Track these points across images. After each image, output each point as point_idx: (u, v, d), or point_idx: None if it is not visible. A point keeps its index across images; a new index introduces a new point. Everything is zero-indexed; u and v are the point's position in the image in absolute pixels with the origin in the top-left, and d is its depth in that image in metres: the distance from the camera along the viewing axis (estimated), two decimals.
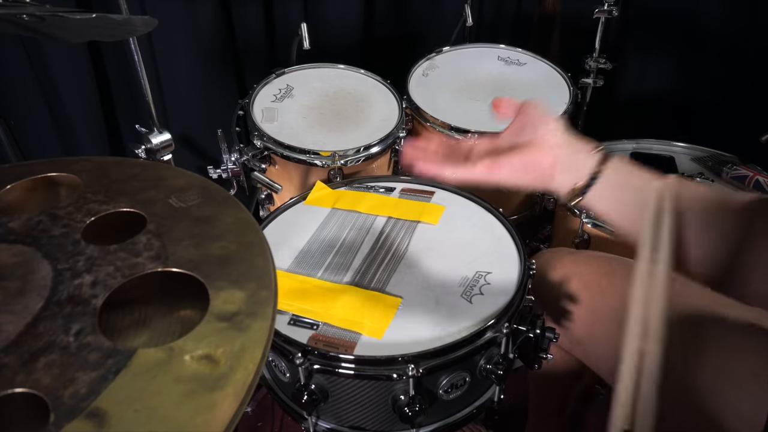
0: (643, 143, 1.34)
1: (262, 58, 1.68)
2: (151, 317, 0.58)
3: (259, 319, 0.46)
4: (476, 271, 0.87)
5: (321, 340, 0.77)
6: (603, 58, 1.52)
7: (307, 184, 1.21)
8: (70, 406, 0.38)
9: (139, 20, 0.84)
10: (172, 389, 0.40)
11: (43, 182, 0.61)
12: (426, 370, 0.73)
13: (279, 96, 1.33)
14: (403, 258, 0.90)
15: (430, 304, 0.82)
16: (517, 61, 1.51)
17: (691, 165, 1.27)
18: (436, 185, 1.05)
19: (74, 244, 0.52)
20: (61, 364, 0.41)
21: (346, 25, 1.73)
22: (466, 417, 0.84)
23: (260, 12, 1.61)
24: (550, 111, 0.71)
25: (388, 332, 0.77)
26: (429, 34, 1.82)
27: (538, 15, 1.92)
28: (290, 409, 0.85)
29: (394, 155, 1.30)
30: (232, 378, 0.41)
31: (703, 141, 1.32)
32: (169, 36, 1.46)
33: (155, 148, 1.04)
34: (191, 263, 0.50)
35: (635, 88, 1.80)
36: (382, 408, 0.77)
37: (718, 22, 1.62)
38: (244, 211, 0.57)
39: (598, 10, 1.45)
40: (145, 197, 0.58)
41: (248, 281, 0.49)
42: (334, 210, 1.00)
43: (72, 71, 1.39)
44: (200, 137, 1.63)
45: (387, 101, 1.34)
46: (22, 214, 0.55)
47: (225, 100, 1.62)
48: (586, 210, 1.06)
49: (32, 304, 0.46)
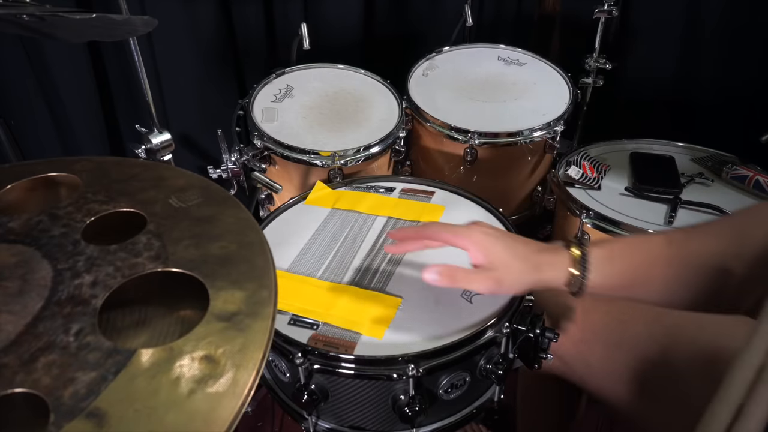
0: (643, 143, 1.34)
1: (262, 58, 1.68)
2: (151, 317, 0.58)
3: (259, 319, 0.46)
4: None
5: (321, 340, 0.77)
6: (603, 58, 1.52)
7: (307, 184, 1.21)
8: (70, 406, 0.38)
9: (139, 20, 0.84)
10: (172, 389, 0.40)
11: (43, 182, 0.61)
12: (426, 370, 0.73)
13: (279, 96, 1.33)
14: (403, 258, 0.90)
15: (430, 304, 0.82)
16: (517, 61, 1.51)
17: (691, 165, 1.27)
18: (436, 185, 1.05)
19: (74, 244, 0.52)
20: (61, 364, 0.41)
21: (346, 25, 1.73)
22: (466, 417, 0.84)
23: (260, 12, 1.61)
24: None
25: (388, 332, 0.77)
26: (429, 34, 1.82)
27: (538, 15, 1.92)
28: (290, 409, 0.85)
29: (394, 155, 1.30)
30: (232, 378, 0.41)
31: (703, 141, 1.32)
32: (169, 36, 1.46)
33: (155, 148, 1.04)
34: (191, 263, 0.50)
35: (635, 88, 1.80)
36: (382, 408, 0.77)
37: (718, 22, 1.62)
38: (244, 211, 0.57)
39: (598, 10, 1.45)
40: (145, 197, 0.58)
41: (248, 281, 0.49)
42: (334, 210, 1.00)
43: (72, 71, 1.39)
44: (200, 137, 1.63)
45: (387, 101, 1.34)
46: (22, 214, 0.55)
47: (225, 100, 1.61)
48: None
49: (32, 304, 0.46)
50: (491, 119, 1.30)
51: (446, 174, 1.35)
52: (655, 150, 1.32)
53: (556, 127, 1.28)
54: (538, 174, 1.38)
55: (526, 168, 1.35)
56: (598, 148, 1.33)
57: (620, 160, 1.29)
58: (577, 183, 1.22)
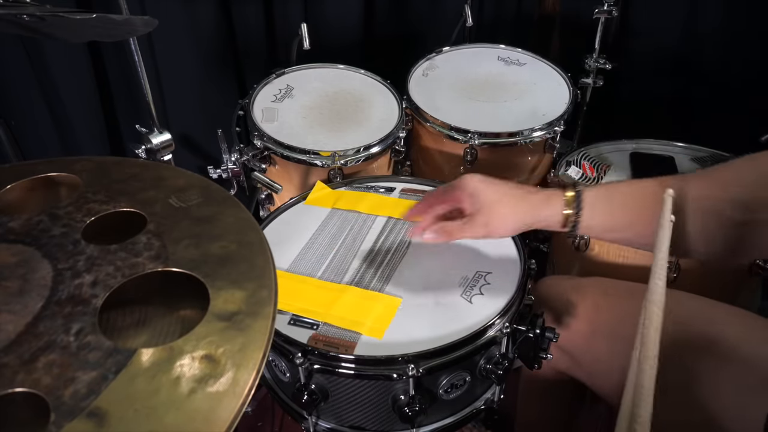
0: (643, 143, 1.34)
1: (262, 58, 1.68)
2: (151, 317, 0.58)
3: (259, 319, 0.46)
4: (476, 271, 0.87)
5: (321, 340, 0.77)
6: (603, 58, 1.52)
7: (307, 184, 1.21)
8: (70, 406, 0.38)
9: (139, 20, 0.84)
10: (172, 389, 0.40)
11: (43, 182, 0.61)
12: (426, 370, 0.73)
13: (279, 96, 1.33)
14: (403, 258, 0.90)
15: (430, 304, 0.82)
16: (517, 61, 1.51)
17: (691, 165, 1.27)
18: (436, 185, 1.05)
19: (74, 244, 0.52)
20: (61, 364, 0.41)
21: (346, 24, 1.73)
22: (466, 417, 0.84)
23: (260, 12, 1.61)
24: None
25: (388, 332, 0.77)
26: (429, 34, 1.82)
27: (538, 15, 1.92)
28: (290, 409, 0.85)
29: (394, 155, 1.30)
30: (233, 378, 0.41)
31: (703, 141, 1.32)
32: (169, 36, 1.45)
33: (155, 148, 1.04)
34: (191, 263, 0.50)
35: (635, 88, 1.80)
36: (382, 408, 0.77)
37: (718, 22, 1.62)
38: (244, 211, 0.57)
39: (598, 10, 1.45)
40: (145, 197, 0.58)
41: (248, 281, 0.49)
42: (334, 210, 1.00)
43: (72, 71, 1.39)
44: (200, 137, 1.63)
45: (387, 101, 1.34)
46: (22, 214, 0.55)
47: (225, 100, 1.61)
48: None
49: (32, 303, 0.46)
50: (491, 119, 1.30)
51: (446, 174, 1.35)
52: (655, 150, 1.32)
53: (556, 127, 1.28)
54: (538, 174, 1.38)
55: (526, 168, 1.35)
56: (598, 148, 1.33)
57: (620, 160, 1.29)
58: (577, 183, 1.22)
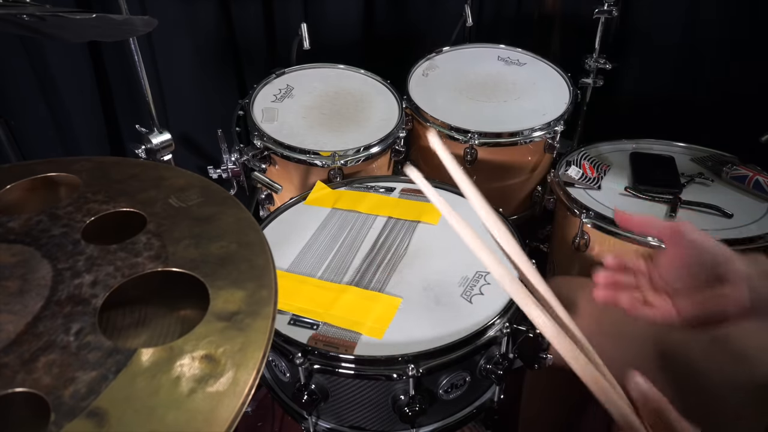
0: (643, 143, 1.34)
1: (262, 58, 1.68)
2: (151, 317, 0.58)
3: (259, 319, 0.46)
4: (476, 271, 0.87)
5: (321, 340, 0.77)
6: (603, 58, 1.52)
7: (307, 184, 1.21)
8: (70, 406, 0.38)
9: (139, 20, 0.84)
10: (172, 389, 0.40)
11: (43, 182, 0.61)
12: (426, 370, 0.73)
13: (279, 96, 1.33)
14: (403, 258, 0.90)
15: (430, 304, 0.82)
16: (517, 61, 1.51)
17: (691, 165, 1.27)
18: (436, 185, 1.04)
19: (74, 244, 0.52)
20: (61, 364, 0.41)
21: (345, 24, 1.73)
22: (466, 417, 0.84)
23: (260, 12, 1.61)
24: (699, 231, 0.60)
25: (388, 332, 0.77)
26: (429, 34, 1.82)
27: (538, 15, 1.92)
28: (290, 409, 0.85)
29: (394, 155, 1.30)
30: (233, 377, 0.41)
31: (703, 141, 1.32)
32: (169, 36, 1.45)
33: (155, 148, 1.04)
34: (191, 263, 0.50)
35: (635, 88, 1.80)
36: (382, 408, 0.77)
37: (718, 22, 1.62)
38: (244, 211, 0.57)
39: (598, 10, 1.45)
40: (145, 197, 0.58)
41: (248, 281, 0.49)
42: (334, 210, 1.00)
43: (72, 71, 1.39)
44: (200, 137, 1.63)
45: (387, 101, 1.34)
46: (22, 214, 0.55)
47: (225, 100, 1.61)
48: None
49: (32, 303, 0.46)
50: (491, 119, 1.30)
51: (446, 174, 1.34)
52: (655, 150, 1.32)
53: (556, 127, 1.28)
54: (538, 174, 1.38)
55: (526, 168, 1.35)
56: (598, 148, 1.33)
57: (620, 160, 1.29)
58: (577, 183, 1.22)
